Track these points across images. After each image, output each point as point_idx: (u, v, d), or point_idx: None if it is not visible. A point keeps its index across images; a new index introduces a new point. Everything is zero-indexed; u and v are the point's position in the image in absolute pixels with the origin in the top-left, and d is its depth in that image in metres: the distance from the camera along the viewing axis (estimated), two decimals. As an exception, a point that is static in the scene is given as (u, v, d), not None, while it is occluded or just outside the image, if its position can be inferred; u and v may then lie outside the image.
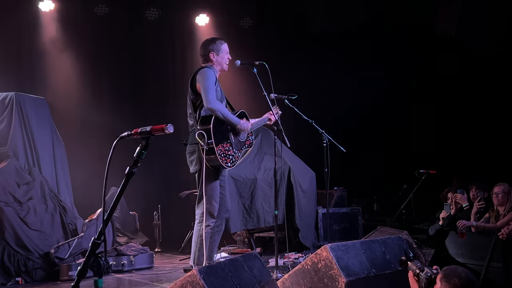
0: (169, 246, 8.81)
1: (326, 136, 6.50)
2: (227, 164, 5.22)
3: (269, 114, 5.74)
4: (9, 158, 7.18)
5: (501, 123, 9.34)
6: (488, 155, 9.23)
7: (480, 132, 9.55)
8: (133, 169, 2.72)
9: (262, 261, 4.15)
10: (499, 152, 9.18)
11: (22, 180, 7.03)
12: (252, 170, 7.95)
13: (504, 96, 9.31)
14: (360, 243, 4.53)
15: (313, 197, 8.41)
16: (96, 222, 7.14)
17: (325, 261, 4.17)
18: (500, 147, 9.21)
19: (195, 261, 5.28)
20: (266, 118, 5.74)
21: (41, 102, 7.97)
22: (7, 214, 6.52)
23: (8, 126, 7.36)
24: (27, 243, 6.54)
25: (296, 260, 6.85)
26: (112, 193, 8.66)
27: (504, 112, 9.33)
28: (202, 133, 5.11)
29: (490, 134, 9.42)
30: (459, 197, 6.69)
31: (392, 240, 4.82)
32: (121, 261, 6.84)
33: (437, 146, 9.99)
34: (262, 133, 8.18)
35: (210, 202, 5.25)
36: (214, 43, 5.56)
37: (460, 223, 6.23)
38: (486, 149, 9.35)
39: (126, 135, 2.79)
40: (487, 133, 9.44)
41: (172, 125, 2.69)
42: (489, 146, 9.35)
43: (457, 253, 6.28)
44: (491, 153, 9.24)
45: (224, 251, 7.63)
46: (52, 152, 7.82)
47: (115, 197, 2.70)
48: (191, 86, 5.38)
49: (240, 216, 7.68)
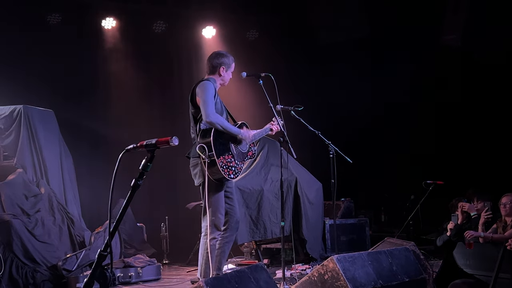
0: (177, 257, 8.81)
1: (333, 147, 6.50)
2: (230, 175, 5.22)
3: (270, 124, 5.74)
4: (17, 170, 7.23)
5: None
6: (495, 164, 9.19)
7: (488, 140, 9.51)
8: (138, 181, 2.74)
9: (268, 272, 4.15)
10: (505, 161, 9.14)
11: (30, 193, 7.07)
12: (258, 181, 7.96)
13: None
14: (367, 254, 4.52)
15: (320, 208, 8.40)
16: (103, 234, 7.17)
17: (332, 272, 4.16)
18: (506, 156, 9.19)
19: (202, 274, 5.28)
20: (268, 128, 5.73)
21: (49, 114, 8.03)
22: (15, 226, 6.56)
23: (16, 138, 7.43)
24: (35, 255, 6.57)
25: (303, 272, 6.85)
26: (119, 205, 8.66)
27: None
28: (202, 146, 5.12)
29: (496, 143, 9.38)
30: (467, 207, 6.65)
31: (399, 251, 4.81)
32: (129, 273, 6.85)
33: (444, 156, 9.96)
34: (269, 145, 8.19)
35: (215, 214, 5.25)
36: (227, 57, 5.54)
37: (467, 233, 6.19)
38: (494, 158, 9.32)
39: (132, 148, 2.82)
40: (494, 142, 9.41)
41: (177, 137, 2.71)
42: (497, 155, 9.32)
43: (465, 264, 6.25)
44: (497, 162, 9.20)
45: (231, 263, 7.62)
46: (60, 164, 7.87)
47: (121, 209, 2.72)
48: (191, 99, 5.39)
49: (247, 228, 7.68)
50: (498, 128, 9.43)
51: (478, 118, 9.67)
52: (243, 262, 7.89)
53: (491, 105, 9.51)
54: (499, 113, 9.44)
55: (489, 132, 9.55)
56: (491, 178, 8.80)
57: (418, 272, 4.81)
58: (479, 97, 9.59)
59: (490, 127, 9.55)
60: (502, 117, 9.42)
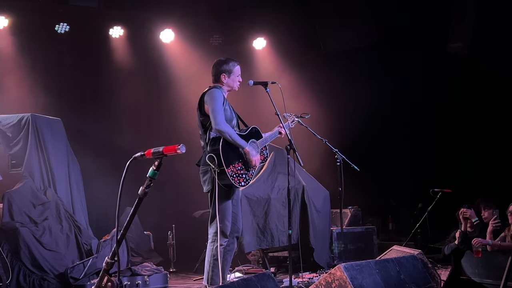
0: (184, 266, 8.79)
1: (340, 155, 6.50)
2: (240, 183, 5.22)
3: (278, 127, 5.75)
4: (24, 179, 7.27)
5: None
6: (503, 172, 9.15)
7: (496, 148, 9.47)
8: (146, 189, 2.75)
9: (275, 280, 4.15)
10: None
11: (37, 201, 7.10)
12: (265, 189, 7.96)
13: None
14: (374, 263, 4.50)
15: (327, 216, 8.38)
16: (110, 242, 7.17)
17: (339, 280, 4.15)
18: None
19: (209, 281, 5.27)
20: (277, 131, 5.72)
21: (57, 123, 8.07)
22: (22, 235, 6.58)
23: (24, 147, 7.47)
24: (42, 263, 6.58)
25: (311, 280, 6.82)
26: (126, 213, 8.67)
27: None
28: (212, 156, 5.12)
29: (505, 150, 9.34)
30: (469, 213, 6.63)
31: (407, 260, 4.79)
32: (136, 281, 6.84)
33: (452, 164, 9.92)
34: (276, 153, 8.19)
35: (223, 221, 5.25)
36: (226, 64, 5.51)
37: (475, 240, 6.17)
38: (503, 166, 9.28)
39: (139, 156, 2.83)
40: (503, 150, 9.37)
41: (184, 145, 2.71)
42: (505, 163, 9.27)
43: (473, 272, 6.23)
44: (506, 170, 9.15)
45: (238, 271, 7.60)
46: (68, 172, 7.90)
47: (128, 217, 2.73)
48: (200, 107, 5.40)
49: (254, 236, 7.67)
50: (506, 136, 9.38)
51: (486, 126, 9.62)
52: (250, 270, 7.86)
53: (501, 112, 9.46)
54: (507, 119, 9.39)
55: (497, 140, 9.50)
56: (499, 186, 8.76)
57: (426, 280, 4.79)
58: (492, 105, 9.53)
59: (496, 135, 9.50)
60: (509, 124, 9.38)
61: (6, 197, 6.87)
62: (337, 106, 10.21)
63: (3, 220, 6.77)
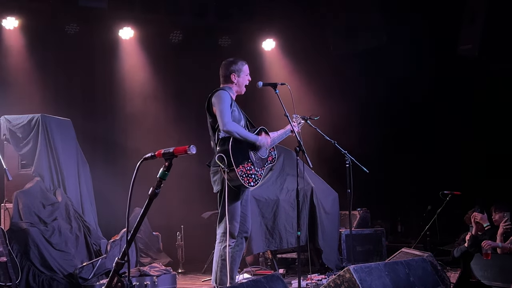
0: (192, 266, 8.80)
1: (349, 156, 6.49)
2: (250, 183, 5.23)
3: (290, 125, 5.75)
4: (34, 179, 7.29)
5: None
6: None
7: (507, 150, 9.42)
8: (156, 190, 2.75)
9: (284, 282, 4.15)
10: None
11: (47, 201, 7.12)
12: (274, 191, 7.95)
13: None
14: (384, 265, 4.50)
15: (336, 218, 8.37)
16: (120, 242, 7.19)
17: (348, 283, 4.15)
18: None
19: (217, 281, 5.28)
20: (289, 130, 5.69)
21: (67, 123, 8.10)
22: (32, 235, 6.60)
23: (34, 147, 7.50)
24: (51, 263, 6.60)
25: (319, 282, 6.81)
26: (136, 214, 8.68)
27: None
28: (221, 156, 5.14)
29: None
30: (479, 217, 6.60)
31: (416, 262, 4.78)
32: (144, 282, 6.85)
33: (462, 166, 9.87)
34: (285, 154, 8.18)
35: (231, 222, 5.26)
36: (235, 64, 5.54)
37: (485, 243, 6.15)
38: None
39: (149, 157, 2.83)
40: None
41: (194, 146, 2.71)
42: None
43: (483, 275, 6.19)
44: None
45: (246, 272, 7.61)
46: (77, 173, 7.92)
47: (139, 218, 2.73)
48: (208, 109, 5.42)
49: (262, 237, 7.67)
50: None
51: (498, 126, 9.56)
52: (259, 271, 7.86)
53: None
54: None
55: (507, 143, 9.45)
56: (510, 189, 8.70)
57: (435, 283, 4.78)
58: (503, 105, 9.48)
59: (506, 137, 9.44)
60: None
61: (16, 197, 6.90)
62: (346, 108, 10.19)
63: (12, 220, 6.80)
